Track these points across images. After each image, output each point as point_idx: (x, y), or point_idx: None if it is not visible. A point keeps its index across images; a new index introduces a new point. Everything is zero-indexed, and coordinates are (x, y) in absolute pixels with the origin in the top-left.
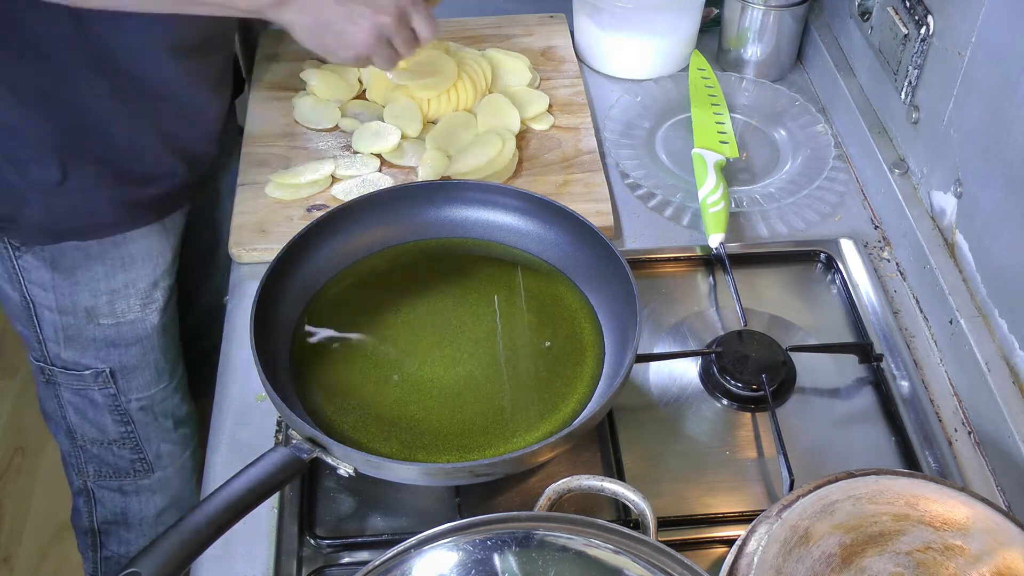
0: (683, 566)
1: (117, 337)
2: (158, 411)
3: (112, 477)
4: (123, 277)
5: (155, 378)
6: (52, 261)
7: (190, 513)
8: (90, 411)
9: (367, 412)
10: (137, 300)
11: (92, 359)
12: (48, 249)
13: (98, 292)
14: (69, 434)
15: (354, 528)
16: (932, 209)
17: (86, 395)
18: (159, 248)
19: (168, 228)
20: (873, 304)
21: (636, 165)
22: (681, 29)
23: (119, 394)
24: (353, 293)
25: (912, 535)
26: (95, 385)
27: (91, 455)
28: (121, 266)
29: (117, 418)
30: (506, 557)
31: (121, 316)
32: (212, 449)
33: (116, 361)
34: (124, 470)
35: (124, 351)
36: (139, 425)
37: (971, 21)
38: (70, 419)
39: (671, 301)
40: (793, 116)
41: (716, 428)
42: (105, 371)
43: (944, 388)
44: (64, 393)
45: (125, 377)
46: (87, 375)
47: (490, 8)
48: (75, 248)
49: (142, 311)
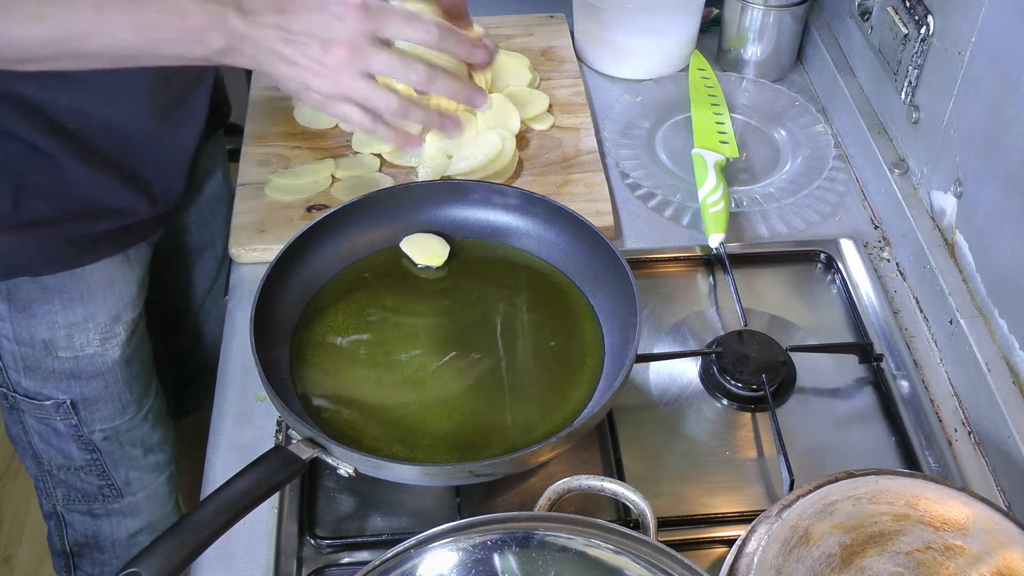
0: (683, 566)
1: (76, 370)
2: (124, 440)
3: (81, 501)
4: (81, 311)
5: (119, 410)
6: (7, 293)
7: (190, 513)
8: (54, 438)
9: (367, 412)
10: (96, 334)
11: (52, 390)
12: (3, 282)
13: (55, 325)
14: (35, 459)
15: (354, 528)
16: (932, 209)
17: (48, 423)
18: (121, 280)
19: (132, 259)
20: (873, 304)
21: (636, 165)
22: (681, 29)
23: (81, 424)
24: (353, 293)
25: (912, 535)
26: (57, 415)
27: (59, 480)
28: (80, 299)
29: (81, 446)
30: (506, 557)
31: (80, 350)
32: (212, 449)
33: (77, 393)
34: (92, 495)
35: (85, 383)
36: (105, 453)
37: (971, 21)
38: (35, 445)
39: (671, 301)
40: (793, 116)
41: (716, 428)
42: (66, 402)
43: (944, 388)
44: (27, 419)
45: (87, 408)
46: (48, 405)
47: (491, 8)
48: (30, 282)
49: (102, 345)
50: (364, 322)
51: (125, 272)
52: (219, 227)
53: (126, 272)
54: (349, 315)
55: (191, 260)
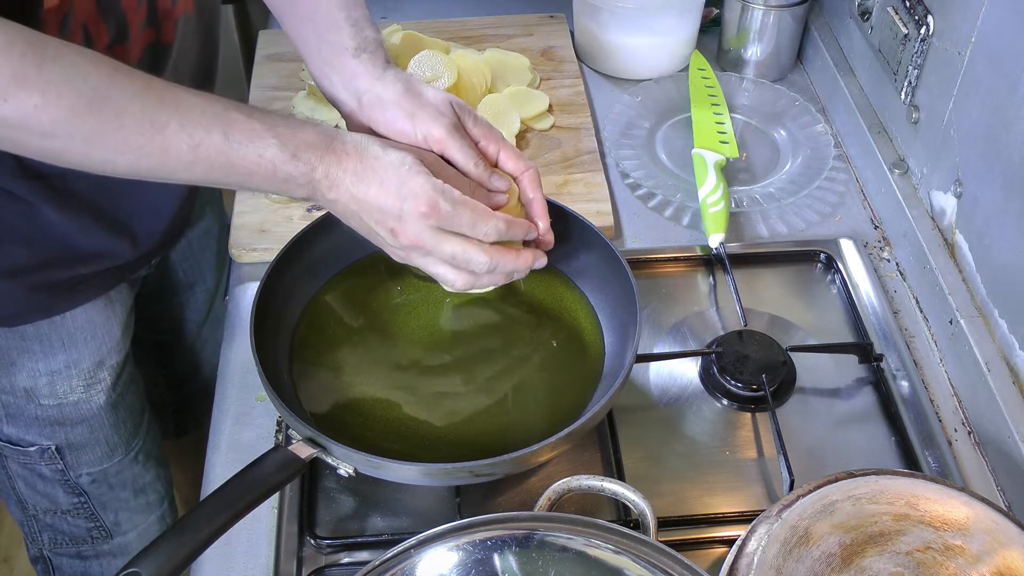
0: (683, 566)
1: (60, 417)
2: (113, 482)
3: (69, 544)
4: (63, 358)
5: (107, 453)
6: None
7: (190, 513)
8: (39, 483)
9: (367, 412)
10: (80, 381)
11: (36, 436)
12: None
13: (36, 373)
14: (20, 504)
15: (354, 528)
16: (932, 209)
17: (33, 469)
18: (103, 325)
19: (114, 300)
20: (873, 304)
21: (636, 165)
22: (681, 29)
23: (67, 469)
24: (353, 293)
25: (912, 535)
26: (42, 461)
27: (45, 524)
28: (61, 346)
29: (68, 490)
30: (506, 557)
31: (63, 397)
32: (212, 449)
33: (62, 438)
34: (81, 538)
35: (70, 429)
36: (92, 496)
37: (971, 21)
38: (20, 490)
39: (671, 301)
40: (793, 116)
41: (716, 428)
42: (51, 448)
43: (944, 388)
44: (11, 465)
45: (73, 453)
46: (32, 451)
47: (490, 8)
48: (7, 331)
49: (86, 392)
50: (364, 322)
51: (108, 316)
52: (210, 262)
53: (108, 316)
54: (349, 315)
55: (182, 297)
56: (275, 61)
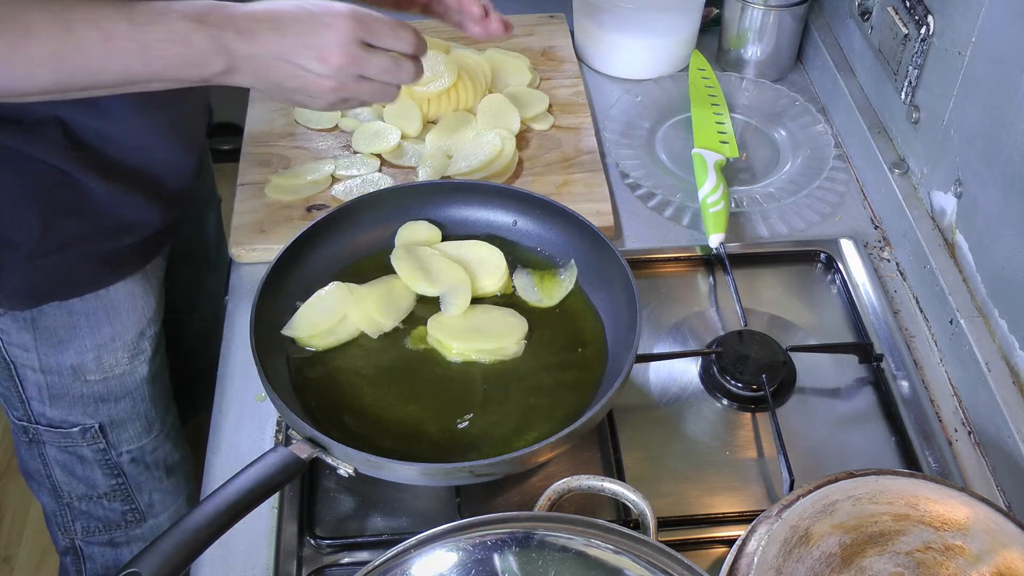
0: (683, 566)
1: (106, 392)
2: (149, 461)
3: (102, 531)
4: (108, 331)
5: (146, 428)
6: (33, 322)
7: (190, 513)
8: (78, 467)
9: (367, 412)
10: (125, 352)
11: (80, 415)
12: (29, 311)
13: (84, 349)
14: (54, 492)
15: (354, 528)
16: (932, 209)
17: (74, 452)
18: (143, 296)
19: (149, 274)
20: (873, 304)
21: (636, 165)
22: (681, 29)
23: (109, 448)
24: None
25: (912, 535)
26: (83, 442)
27: (79, 512)
28: (106, 319)
29: (107, 471)
30: (506, 557)
31: (109, 371)
32: (212, 449)
33: (105, 416)
34: (115, 522)
35: (113, 405)
36: (130, 477)
37: (971, 21)
38: (56, 477)
39: (671, 301)
40: (793, 116)
41: (716, 428)
42: (94, 426)
43: (944, 388)
44: (49, 451)
45: (115, 431)
46: (75, 432)
47: None
48: (57, 307)
49: (131, 363)
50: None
51: (145, 288)
52: (211, 232)
53: (146, 287)
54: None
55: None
56: None
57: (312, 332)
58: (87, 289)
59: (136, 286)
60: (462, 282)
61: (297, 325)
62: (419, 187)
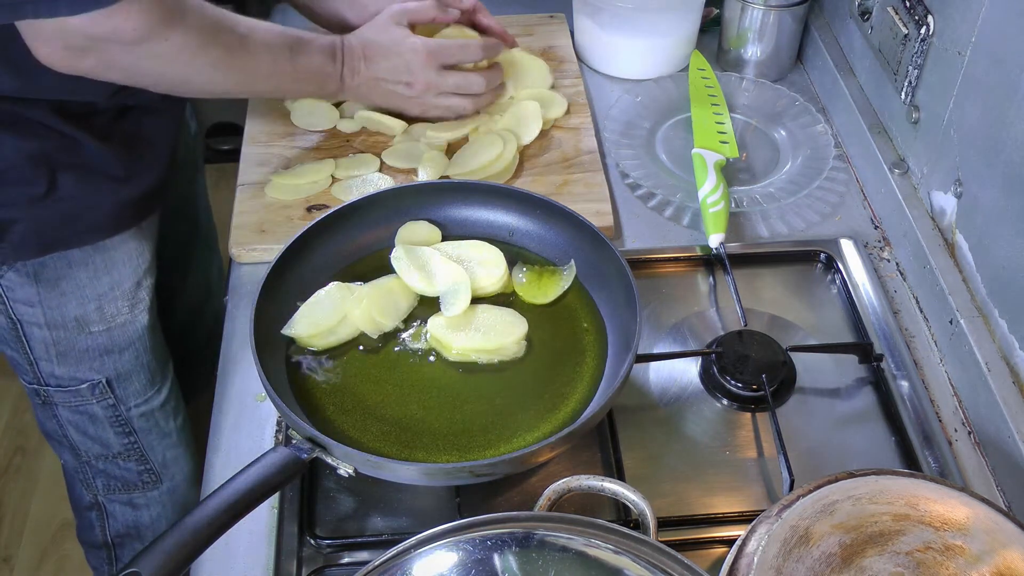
0: (683, 566)
1: (110, 343)
2: (159, 416)
3: (121, 490)
4: (107, 280)
5: (150, 381)
6: (35, 275)
7: (190, 513)
8: (90, 427)
9: (367, 412)
10: (125, 302)
11: (87, 371)
12: (31, 263)
13: (85, 299)
14: (73, 451)
15: (354, 528)
16: (932, 209)
17: (85, 411)
18: (137, 248)
19: (144, 229)
20: (873, 304)
21: (636, 165)
22: (681, 29)
23: (118, 403)
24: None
25: (912, 535)
26: (93, 398)
27: (98, 470)
28: (105, 269)
29: (119, 430)
30: (506, 557)
31: (111, 320)
32: (212, 449)
33: (111, 369)
34: (132, 483)
35: (118, 357)
36: (141, 434)
37: (971, 21)
38: (71, 437)
39: (671, 301)
40: (793, 116)
41: (716, 428)
42: (101, 381)
43: (944, 388)
44: (62, 412)
45: (122, 385)
46: (84, 389)
47: (490, 8)
48: (58, 258)
49: (131, 312)
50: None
51: (140, 240)
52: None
53: (141, 240)
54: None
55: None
56: None
57: (312, 332)
58: (90, 239)
59: (131, 239)
60: (462, 282)
61: (297, 325)
62: (419, 187)
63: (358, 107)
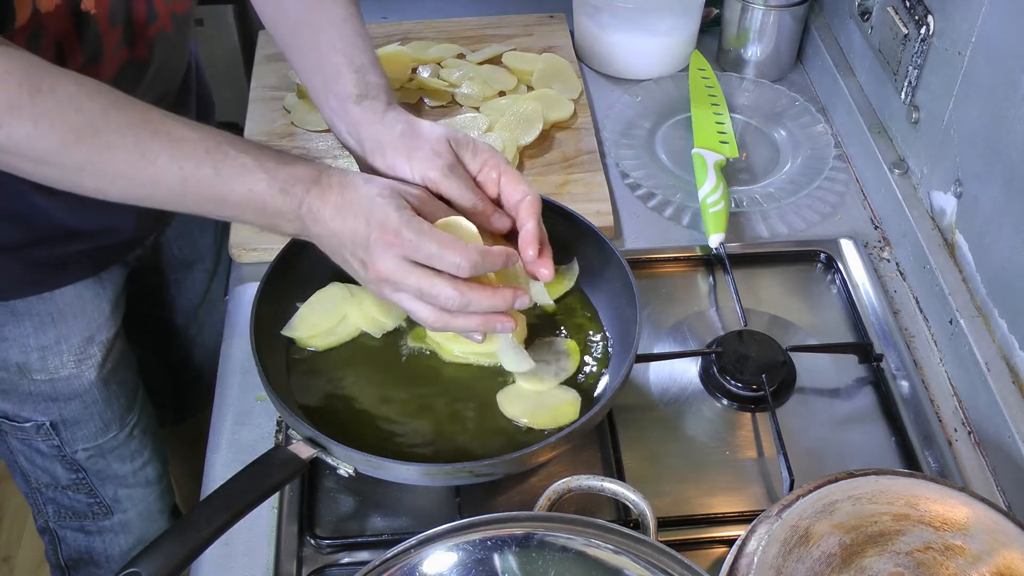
0: (683, 566)
1: (53, 392)
2: (110, 458)
3: (72, 518)
4: (53, 333)
5: (101, 429)
6: None
7: (190, 513)
8: (38, 459)
9: (367, 411)
10: (71, 356)
11: (31, 412)
12: None
13: (27, 348)
14: (24, 477)
15: (354, 528)
16: (932, 209)
17: (30, 444)
18: (92, 301)
19: (104, 280)
20: (873, 304)
21: (636, 165)
22: (681, 29)
23: (63, 445)
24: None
25: (912, 535)
26: (38, 437)
27: (48, 497)
28: (51, 322)
29: (66, 466)
30: (506, 557)
31: (55, 372)
32: (212, 449)
33: (56, 414)
34: (82, 512)
35: (63, 405)
36: (90, 472)
37: (971, 21)
38: (21, 464)
39: (671, 301)
40: (793, 116)
41: (716, 428)
42: (46, 424)
43: (944, 388)
44: (11, 440)
45: (68, 429)
46: (28, 427)
47: (490, 8)
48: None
49: (77, 367)
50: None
51: (97, 292)
52: (208, 243)
53: (98, 292)
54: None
55: (180, 275)
56: (275, 61)
57: (312, 332)
58: (28, 292)
59: (86, 291)
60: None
61: (297, 325)
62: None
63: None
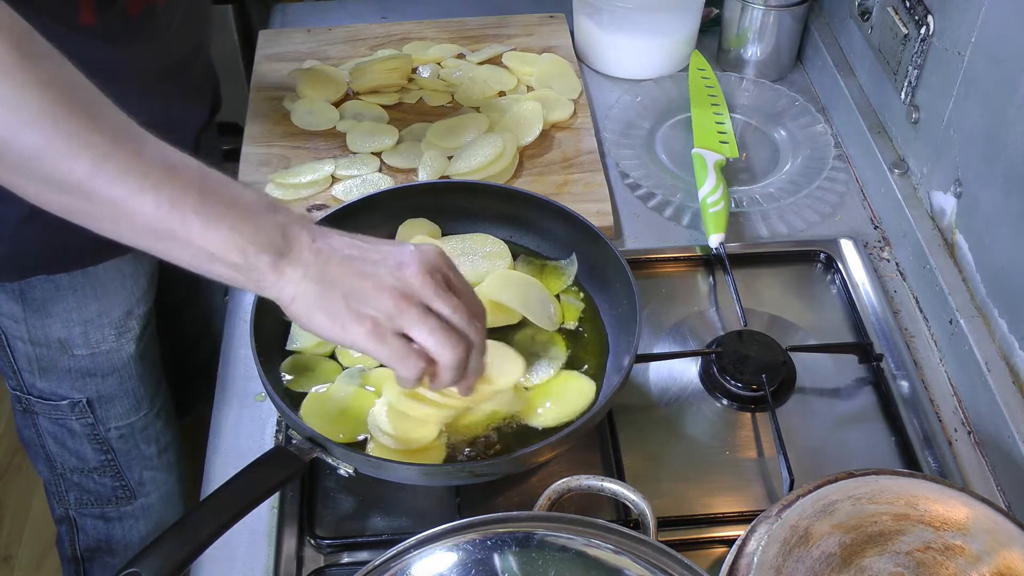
0: (683, 566)
1: (93, 367)
2: (139, 438)
3: (94, 504)
4: (96, 307)
5: (134, 406)
6: (21, 294)
7: (190, 513)
8: (69, 440)
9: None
10: (111, 330)
11: (68, 389)
12: (16, 283)
13: (71, 323)
14: (48, 463)
15: (354, 528)
16: (932, 209)
17: (64, 424)
18: (132, 276)
19: (140, 255)
20: (873, 304)
21: (636, 165)
22: (681, 29)
23: (97, 423)
24: None
25: (912, 535)
26: (72, 415)
27: (72, 483)
28: (93, 296)
29: (96, 446)
30: (506, 557)
31: (96, 346)
32: (212, 449)
33: (93, 391)
34: (106, 497)
35: (101, 381)
36: (119, 453)
37: (971, 21)
38: (49, 448)
39: (671, 301)
40: (793, 116)
41: (716, 428)
42: (82, 401)
43: (944, 388)
44: (42, 422)
45: (103, 406)
46: (64, 405)
47: (490, 8)
48: (45, 280)
49: (117, 340)
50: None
51: (136, 267)
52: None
53: (136, 267)
54: None
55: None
56: (275, 61)
57: (315, 341)
58: (74, 266)
59: (126, 266)
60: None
61: (299, 338)
62: (419, 187)
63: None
